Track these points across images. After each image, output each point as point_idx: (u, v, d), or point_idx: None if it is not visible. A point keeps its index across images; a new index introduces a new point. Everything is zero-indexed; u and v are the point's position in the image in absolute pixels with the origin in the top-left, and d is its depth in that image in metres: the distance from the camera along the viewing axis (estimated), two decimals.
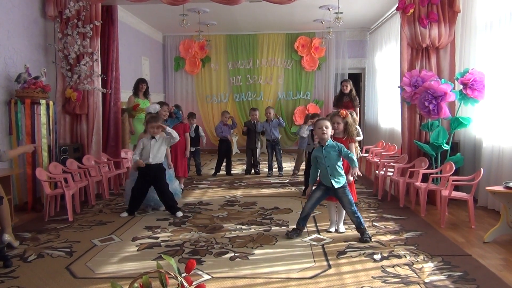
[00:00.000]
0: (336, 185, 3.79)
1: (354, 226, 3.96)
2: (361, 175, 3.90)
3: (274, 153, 7.46)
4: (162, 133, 4.83)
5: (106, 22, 6.29)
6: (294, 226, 4.05)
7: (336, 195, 3.86)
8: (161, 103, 5.79)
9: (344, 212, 4.12)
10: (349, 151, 3.82)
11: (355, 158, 3.84)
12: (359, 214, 3.87)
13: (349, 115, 4.10)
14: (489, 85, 5.03)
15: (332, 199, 4.02)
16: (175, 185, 5.25)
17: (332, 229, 4.17)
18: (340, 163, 3.84)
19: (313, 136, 5.52)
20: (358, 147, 6.35)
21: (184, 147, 6.17)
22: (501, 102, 4.90)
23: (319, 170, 3.92)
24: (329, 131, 3.81)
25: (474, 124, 5.41)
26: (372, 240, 3.84)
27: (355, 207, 3.87)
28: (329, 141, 3.82)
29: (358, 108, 7.82)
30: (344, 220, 4.21)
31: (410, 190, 5.41)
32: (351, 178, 3.99)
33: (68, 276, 3.13)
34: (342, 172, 3.85)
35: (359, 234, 3.88)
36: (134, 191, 4.84)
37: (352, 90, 7.79)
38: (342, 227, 4.17)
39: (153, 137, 4.82)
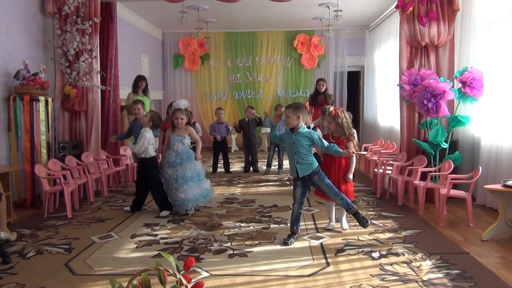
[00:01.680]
0: (301, 173, 3.66)
1: (356, 225, 3.92)
2: (354, 155, 3.74)
3: (277, 151, 7.46)
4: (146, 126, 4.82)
5: (105, 19, 6.27)
6: (289, 232, 3.88)
7: (313, 184, 3.74)
8: (137, 101, 5.79)
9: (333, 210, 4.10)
10: (326, 145, 3.64)
11: (337, 148, 3.64)
12: (343, 195, 3.73)
13: (340, 114, 3.93)
14: (488, 83, 5.03)
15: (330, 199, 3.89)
16: (204, 185, 4.84)
17: (331, 227, 4.15)
18: (309, 153, 3.68)
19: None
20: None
21: None
22: (500, 101, 4.91)
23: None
24: (291, 120, 3.63)
25: (473, 123, 5.42)
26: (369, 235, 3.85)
27: (335, 189, 3.72)
28: (303, 129, 3.67)
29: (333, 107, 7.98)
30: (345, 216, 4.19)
31: (408, 188, 5.42)
32: (350, 176, 3.94)
33: (67, 273, 3.14)
34: (311, 161, 3.68)
35: (355, 218, 3.72)
36: (136, 186, 4.92)
37: (327, 89, 8.06)
38: (345, 224, 4.14)
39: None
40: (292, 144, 3.70)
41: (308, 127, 4.10)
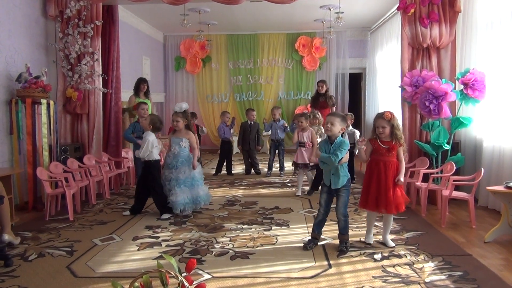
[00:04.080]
0: (334, 185, 3.57)
1: (359, 227, 3.89)
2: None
3: (278, 153, 7.46)
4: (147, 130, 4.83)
5: (107, 21, 6.29)
6: (309, 237, 3.80)
7: (336, 193, 3.64)
8: (140, 103, 5.93)
9: (391, 223, 3.79)
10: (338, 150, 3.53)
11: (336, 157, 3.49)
12: (348, 220, 3.66)
13: (395, 117, 3.62)
14: (489, 85, 5.03)
15: (373, 208, 3.65)
16: (197, 191, 4.82)
17: (370, 241, 3.79)
18: (343, 165, 3.59)
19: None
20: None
21: None
22: (502, 102, 4.90)
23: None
24: (333, 128, 3.53)
25: (475, 124, 5.41)
26: (349, 249, 3.62)
27: (347, 211, 3.65)
28: (339, 139, 3.57)
29: (334, 108, 8.01)
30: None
31: (410, 190, 5.40)
32: (402, 179, 3.57)
33: (69, 275, 3.14)
34: (343, 174, 3.59)
35: (339, 240, 3.68)
36: (136, 189, 4.94)
37: (328, 91, 8.13)
38: (390, 242, 3.74)
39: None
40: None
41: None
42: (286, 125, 7.35)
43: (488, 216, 4.68)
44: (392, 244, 3.73)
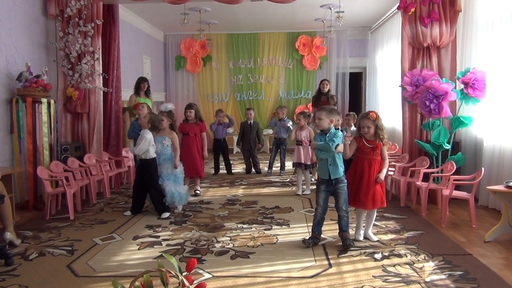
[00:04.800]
0: (333, 175, 3.61)
1: (358, 227, 3.91)
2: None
3: (279, 152, 7.45)
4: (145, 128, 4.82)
5: (108, 21, 6.29)
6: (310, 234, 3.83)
7: (335, 190, 3.67)
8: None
9: (373, 218, 3.91)
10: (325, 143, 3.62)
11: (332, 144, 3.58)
12: (348, 218, 3.71)
13: (380, 117, 3.69)
14: (490, 84, 5.02)
15: (357, 205, 3.78)
16: (178, 189, 4.88)
17: (360, 236, 3.88)
18: (339, 154, 3.68)
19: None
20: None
21: (202, 147, 6.06)
22: (502, 102, 4.90)
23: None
24: (321, 122, 3.63)
25: (475, 124, 5.41)
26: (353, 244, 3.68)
27: (347, 208, 3.70)
28: (332, 130, 3.67)
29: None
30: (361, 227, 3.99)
31: (411, 190, 5.41)
32: (382, 177, 3.68)
33: (69, 275, 3.14)
34: (340, 164, 3.66)
35: (341, 238, 3.72)
36: (133, 188, 4.94)
37: (330, 90, 8.12)
38: (373, 236, 3.87)
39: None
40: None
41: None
42: (288, 126, 7.32)
43: (488, 216, 4.68)
44: (374, 238, 3.84)
